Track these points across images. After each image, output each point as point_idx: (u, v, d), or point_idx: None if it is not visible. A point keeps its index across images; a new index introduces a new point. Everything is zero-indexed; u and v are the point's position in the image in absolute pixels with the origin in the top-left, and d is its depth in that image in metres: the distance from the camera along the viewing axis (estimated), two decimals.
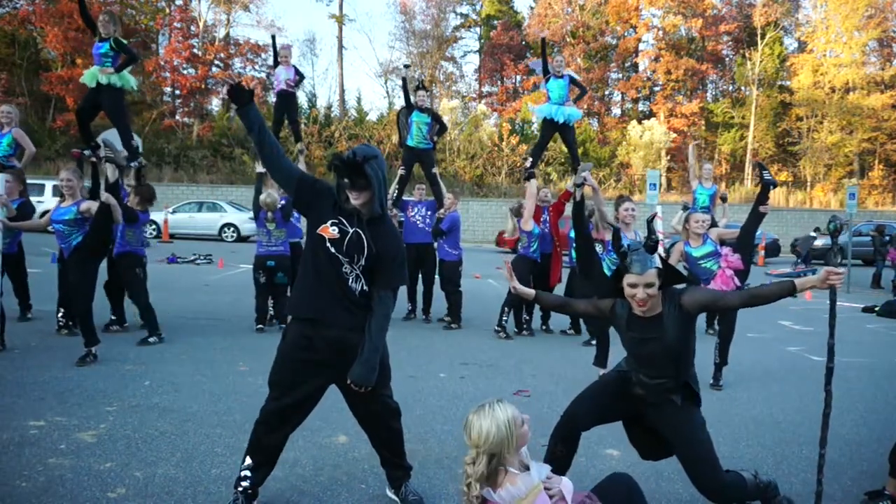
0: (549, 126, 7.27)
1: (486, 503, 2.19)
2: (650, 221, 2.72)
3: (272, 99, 32.45)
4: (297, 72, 8.26)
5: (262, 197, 6.63)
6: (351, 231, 2.57)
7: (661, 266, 2.60)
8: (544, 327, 7.45)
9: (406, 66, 9.47)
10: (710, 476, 2.65)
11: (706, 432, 2.74)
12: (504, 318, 6.86)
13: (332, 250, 2.56)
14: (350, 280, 2.59)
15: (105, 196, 5.22)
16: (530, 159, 7.57)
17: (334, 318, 2.57)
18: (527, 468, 2.25)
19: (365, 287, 2.62)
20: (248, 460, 2.68)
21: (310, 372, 2.63)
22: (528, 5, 46.31)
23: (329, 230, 2.57)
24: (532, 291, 3.11)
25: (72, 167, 5.71)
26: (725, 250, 5.16)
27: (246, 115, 2.56)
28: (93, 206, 5.31)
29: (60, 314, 6.06)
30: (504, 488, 2.15)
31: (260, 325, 6.74)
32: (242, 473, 2.67)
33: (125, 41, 6.33)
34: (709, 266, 5.06)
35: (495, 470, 2.18)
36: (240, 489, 2.66)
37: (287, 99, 8.30)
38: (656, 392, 2.72)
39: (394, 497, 2.89)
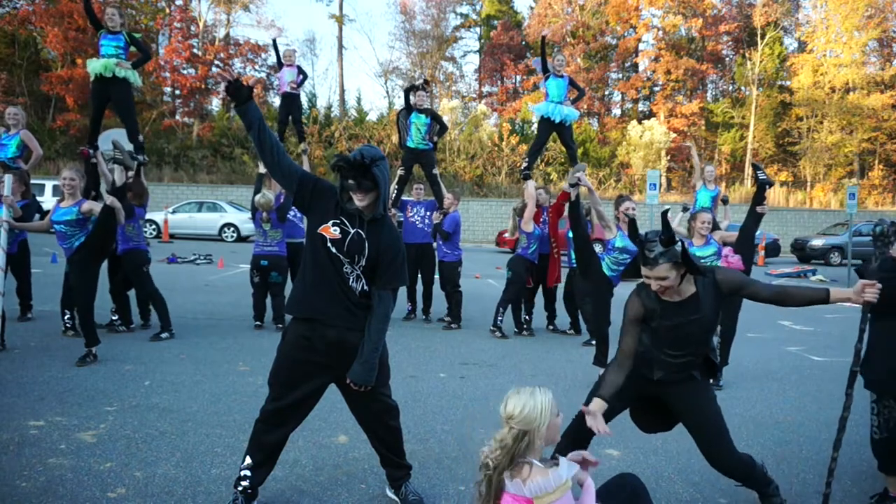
0: (547, 125, 7.27)
1: (505, 494, 2.09)
2: (664, 216, 2.66)
3: (271, 99, 32.65)
4: (301, 71, 8.43)
5: (256, 197, 6.69)
6: (352, 231, 2.57)
7: (678, 260, 2.52)
8: (551, 327, 7.44)
9: (426, 82, 9.56)
10: (727, 447, 2.71)
11: (718, 405, 2.78)
12: (499, 319, 6.87)
13: (333, 250, 2.56)
14: (350, 280, 2.59)
15: (110, 200, 5.20)
16: (527, 159, 7.55)
17: (334, 318, 2.57)
18: (555, 465, 2.18)
19: (365, 287, 2.62)
20: (248, 460, 2.68)
21: (309, 372, 2.63)
22: (528, 5, 46.36)
23: (330, 230, 2.57)
24: (602, 404, 2.64)
25: (73, 166, 5.71)
26: (726, 250, 5.17)
27: (245, 113, 2.53)
28: (95, 207, 5.27)
29: (67, 316, 6.06)
30: (533, 481, 2.07)
31: (258, 322, 6.83)
32: (242, 473, 2.68)
33: (138, 36, 6.40)
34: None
35: (523, 451, 2.09)
36: (239, 489, 2.66)
37: (291, 100, 8.42)
38: (679, 370, 2.72)
39: (394, 497, 2.89)
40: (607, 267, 5.51)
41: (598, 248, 5.82)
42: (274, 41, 9.13)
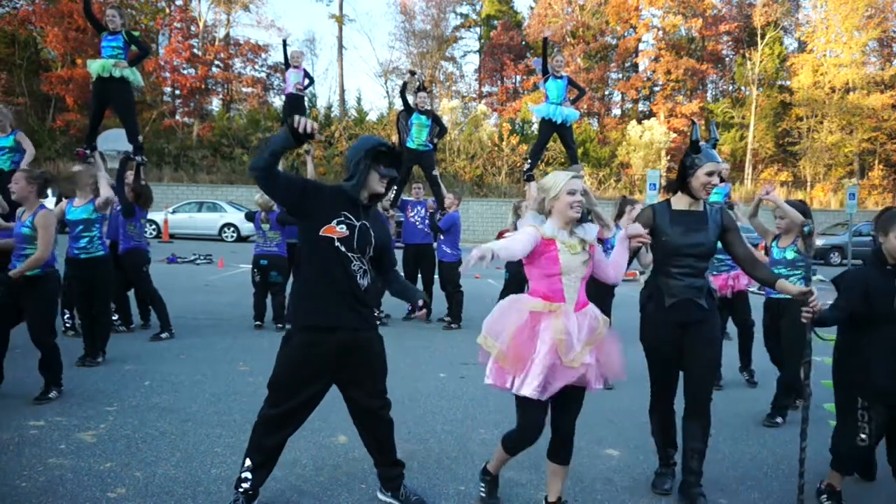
0: (548, 126, 7.26)
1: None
2: (711, 126, 3.04)
3: (271, 99, 32.55)
4: (307, 75, 8.50)
5: (256, 197, 6.77)
6: (358, 224, 2.61)
7: None
8: None
9: (412, 73, 9.50)
10: (709, 389, 3.00)
11: (718, 352, 3.09)
12: None
13: (343, 249, 2.57)
14: (358, 276, 2.62)
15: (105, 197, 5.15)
16: (529, 161, 7.55)
17: (340, 321, 2.58)
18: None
19: (370, 281, 2.70)
20: (248, 461, 2.68)
21: (312, 375, 2.62)
22: (528, 5, 46.32)
23: (336, 229, 2.57)
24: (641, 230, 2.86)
25: (82, 164, 5.67)
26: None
27: (283, 146, 2.46)
28: (107, 197, 5.16)
29: (66, 316, 6.05)
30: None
31: (258, 322, 6.83)
32: (243, 475, 2.68)
33: (137, 34, 6.40)
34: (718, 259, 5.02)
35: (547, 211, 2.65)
36: (240, 490, 2.66)
37: (296, 102, 8.44)
38: (688, 291, 2.91)
39: (387, 500, 2.88)
40: None
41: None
42: (284, 42, 9.18)
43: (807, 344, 2.93)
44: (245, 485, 2.66)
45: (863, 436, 2.87)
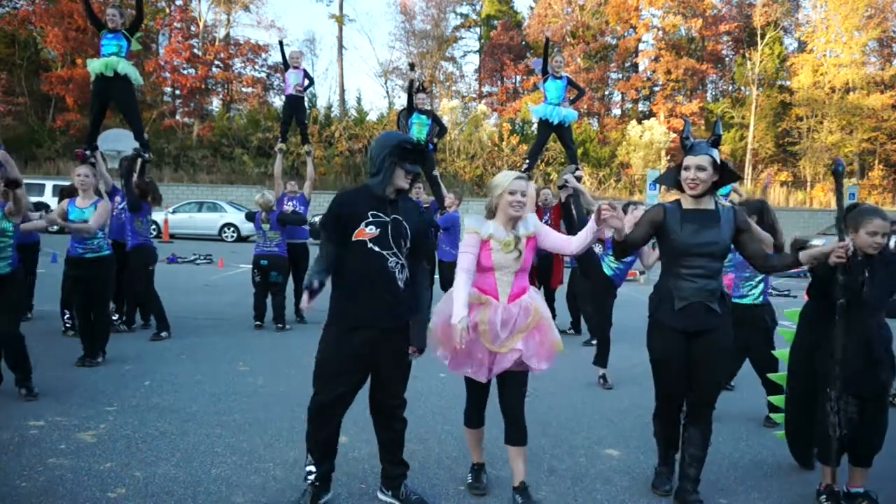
0: (546, 127, 7.27)
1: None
2: (715, 122, 3.02)
3: (271, 99, 32.52)
4: (307, 75, 8.48)
5: (256, 197, 6.82)
6: (390, 219, 2.64)
7: (716, 160, 2.84)
8: None
9: (411, 67, 9.48)
10: (715, 398, 2.97)
11: (727, 358, 3.09)
12: None
13: (377, 249, 2.61)
14: (396, 272, 2.66)
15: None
16: (527, 161, 7.56)
17: (377, 320, 2.63)
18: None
19: (408, 274, 2.74)
20: (309, 457, 2.74)
21: (344, 369, 2.66)
22: (528, 5, 46.33)
23: (365, 231, 2.61)
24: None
25: (87, 165, 5.63)
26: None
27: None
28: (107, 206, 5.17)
29: (67, 316, 6.04)
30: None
31: (258, 323, 6.82)
32: (307, 468, 2.74)
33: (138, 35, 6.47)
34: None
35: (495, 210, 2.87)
36: (307, 481, 2.73)
37: (296, 102, 8.45)
38: (697, 294, 2.84)
39: (387, 500, 2.89)
40: (607, 266, 5.50)
41: (598, 248, 5.81)
42: (280, 42, 9.16)
43: (838, 324, 2.85)
44: (311, 477, 2.73)
45: (835, 426, 2.89)
